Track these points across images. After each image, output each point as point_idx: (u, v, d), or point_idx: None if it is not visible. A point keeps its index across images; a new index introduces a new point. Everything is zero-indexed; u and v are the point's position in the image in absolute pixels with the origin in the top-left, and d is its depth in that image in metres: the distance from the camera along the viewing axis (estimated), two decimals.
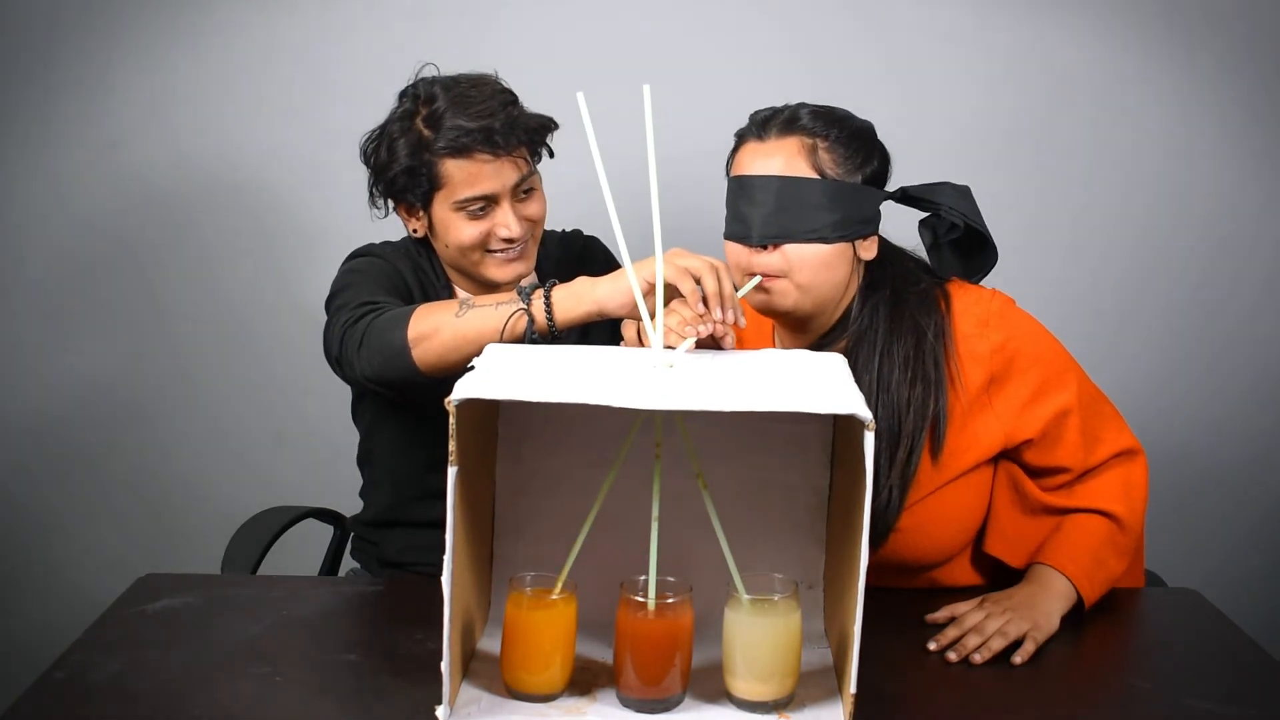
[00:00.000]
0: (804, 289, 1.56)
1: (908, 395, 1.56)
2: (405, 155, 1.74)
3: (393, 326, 1.57)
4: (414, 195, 1.77)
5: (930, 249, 1.71)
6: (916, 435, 1.56)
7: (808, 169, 1.55)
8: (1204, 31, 2.48)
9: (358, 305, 1.67)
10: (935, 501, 1.60)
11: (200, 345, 2.58)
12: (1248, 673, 1.43)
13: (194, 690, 1.30)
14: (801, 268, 1.55)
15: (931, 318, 1.60)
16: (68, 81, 2.48)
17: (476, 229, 1.76)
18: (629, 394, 1.14)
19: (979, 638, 1.44)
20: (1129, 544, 1.61)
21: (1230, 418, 2.60)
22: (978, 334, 1.59)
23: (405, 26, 2.46)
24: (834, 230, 1.54)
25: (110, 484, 2.62)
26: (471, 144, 1.71)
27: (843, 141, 1.56)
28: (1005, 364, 1.59)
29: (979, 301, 1.63)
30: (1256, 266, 2.55)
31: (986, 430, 1.59)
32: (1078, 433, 1.60)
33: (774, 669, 1.25)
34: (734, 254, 1.58)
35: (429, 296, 1.83)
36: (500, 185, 1.74)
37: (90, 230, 2.53)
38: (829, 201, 1.53)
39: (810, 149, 1.55)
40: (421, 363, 1.55)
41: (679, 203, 2.07)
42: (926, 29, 2.48)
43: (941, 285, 1.65)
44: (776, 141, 1.56)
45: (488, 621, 1.42)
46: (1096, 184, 2.54)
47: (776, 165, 1.55)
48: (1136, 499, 1.63)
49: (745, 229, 1.55)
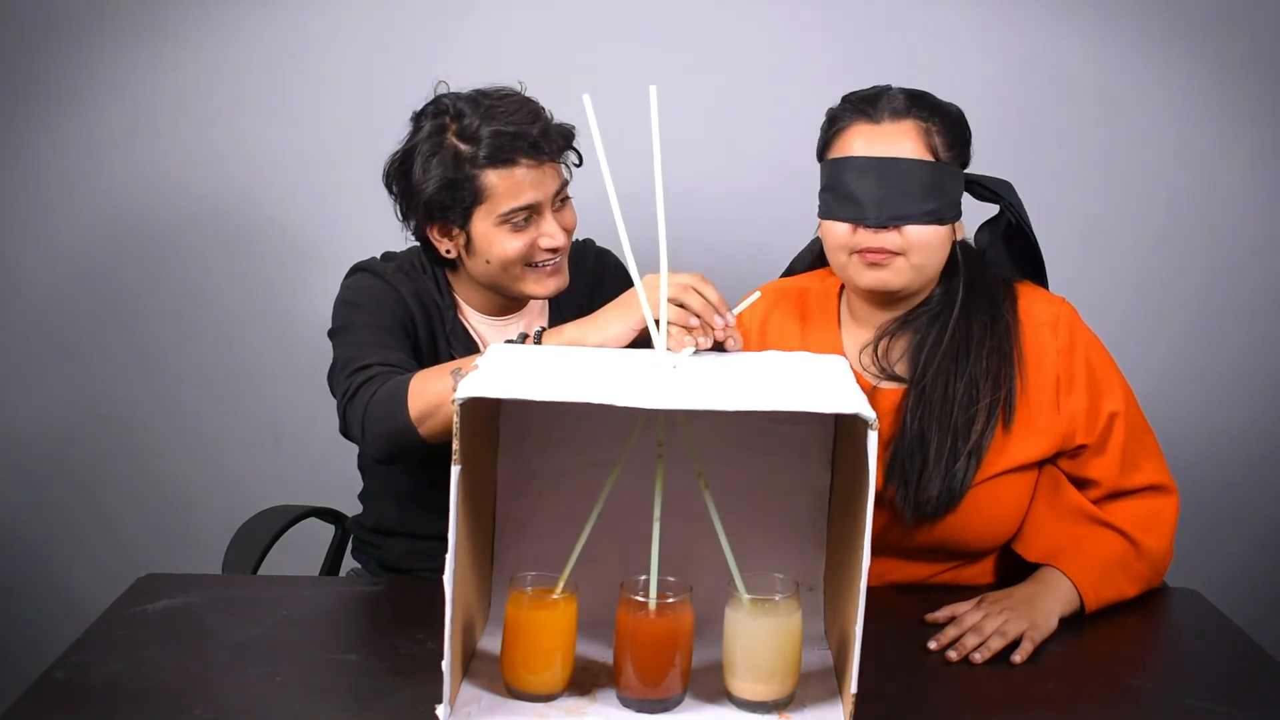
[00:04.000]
0: (919, 268, 1.58)
1: (986, 365, 1.59)
2: (441, 172, 1.70)
3: (392, 410, 1.55)
4: (454, 214, 1.72)
5: (985, 249, 1.73)
6: (993, 407, 1.58)
7: (924, 151, 1.57)
8: (1204, 31, 2.48)
9: (352, 373, 1.65)
10: (993, 487, 1.60)
11: (200, 345, 2.58)
12: (1248, 673, 1.43)
13: (194, 690, 1.30)
14: (919, 248, 1.57)
15: (1004, 300, 1.63)
16: (64, 91, 2.48)
17: (521, 241, 1.73)
18: (632, 394, 1.14)
19: (978, 637, 1.45)
20: (1143, 572, 1.60)
21: (1230, 418, 2.60)
22: (1047, 331, 1.62)
23: (404, 33, 2.46)
24: (949, 212, 1.58)
25: (111, 485, 2.62)
26: (515, 153, 1.68)
27: (949, 127, 1.59)
28: (1071, 367, 1.61)
29: (1048, 301, 1.66)
30: (1257, 267, 2.55)
31: (1049, 426, 1.60)
32: (1120, 450, 1.61)
33: (774, 669, 1.25)
34: (838, 234, 1.59)
35: (431, 322, 1.81)
36: (543, 194, 1.72)
37: (90, 234, 2.54)
38: (942, 184, 1.56)
39: (925, 131, 1.57)
40: (430, 438, 1.55)
41: (686, 205, 2.08)
42: (928, 29, 2.48)
43: (1009, 281, 1.68)
44: (892, 124, 1.57)
45: (488, 621, 1.42)
46: (1096, 184, 2.54)
47: (895, 147, 1.56)
48: (1164, 532, 1.63)
49: (860, 210, 1.56)
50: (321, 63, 2.48)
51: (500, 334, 1.85)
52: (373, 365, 1.65)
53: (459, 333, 1.83)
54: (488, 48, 2.45)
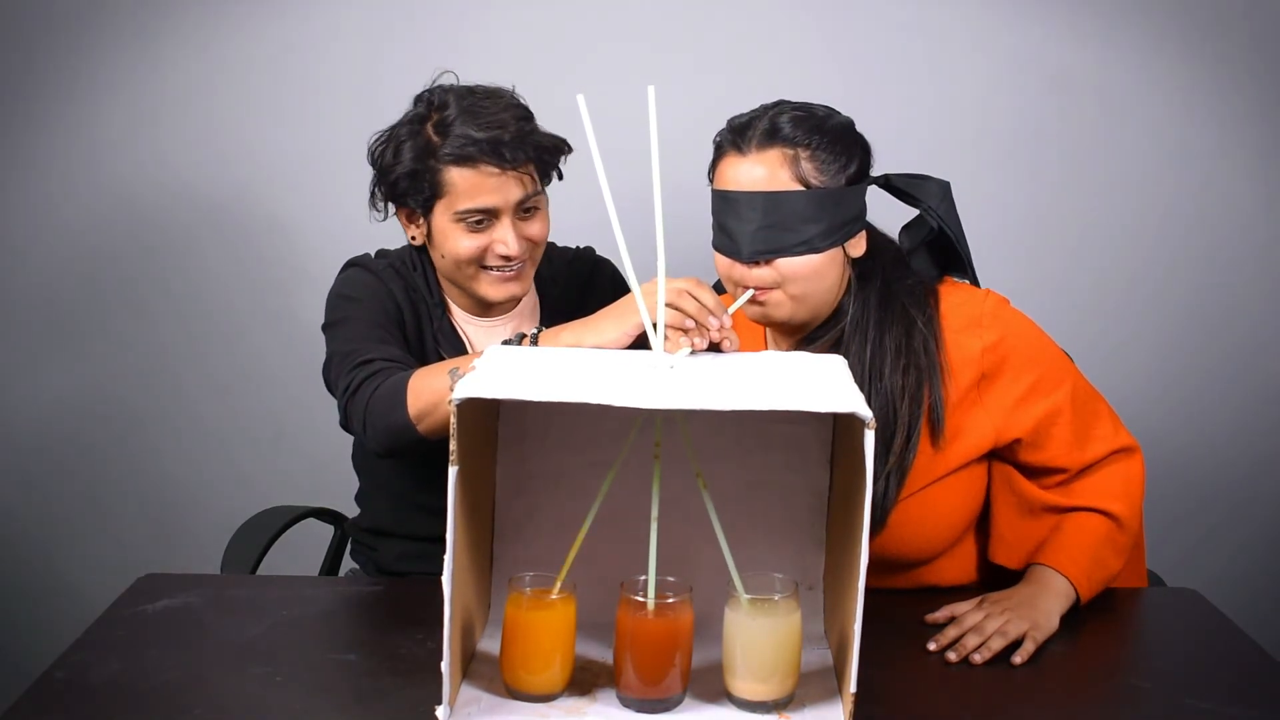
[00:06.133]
0: (798, 299, 1.55)
1: (901, 383, 1.56)
2: (410, 159, 1.72)
3: (392, 407, 1.56)
4: (415, 201, 1.75)
5: (910, 252, 1.69)
6: (913, 424, 1.56)
7: (791, 181, 1.52)
8: (1204, 31, 2.48)
9: (353, 367, 1.66)
10: (926, 497, 1.60)
11: (200, 345, 2.58)
12: (1248, 673, 1.43)
13: (194, 690, 1.30)
14: (794, 279, 1.54)
15: (922, 309, 1.59)
16: (62, 89, 2.48)
17: (474, 243, 1.74)
18: (630, 394, 1.14)
19: (978, 637, 1.44)
20: (1127, 542, 1.61)
21: (1230, 418, 2.60)
22: (969, 332, 1.59)
23: (402, 33, 2.46)
24: (823, 239, 1.53)
25: (110, 484, 2.62)
26: (477, 154, 1.69)
27: (824, 147, 1.54)
28: (998, 362, 1.58)
29: (971, 300, 1.62)
30: (1257, 268, 2.55)
31: (976, 427, 1.59)
32: (1070, 431, 1.60)
33: (774, 669, 1.25)
34: (724, 266, 1.58)
35: (420, 320, 1.82)
36: (503, 200, 1.72)
37: (90, 234, 2.54)
38: (815, 211, 1.52)
39: (792, 159, 1.52)
40: (430, 434, 1.56)
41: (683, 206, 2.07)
42: (925, 29, 2.48)
43: (931, 283, 1.65)
44: (757, 154, 1.53)
45: (488, 621, 1.42)
46: (1095, 184, 2.54)
47: (759, 179, 1.52)
48: (1134, 496, 1.63)
49: (734, 245, 1.54)
50: (322, 63, 2.48)
51: (487, 335, 1.85)
52: (375, 360, 1.65)
53: (447, 331, 1.83)
54: (488, 48, 2.45)
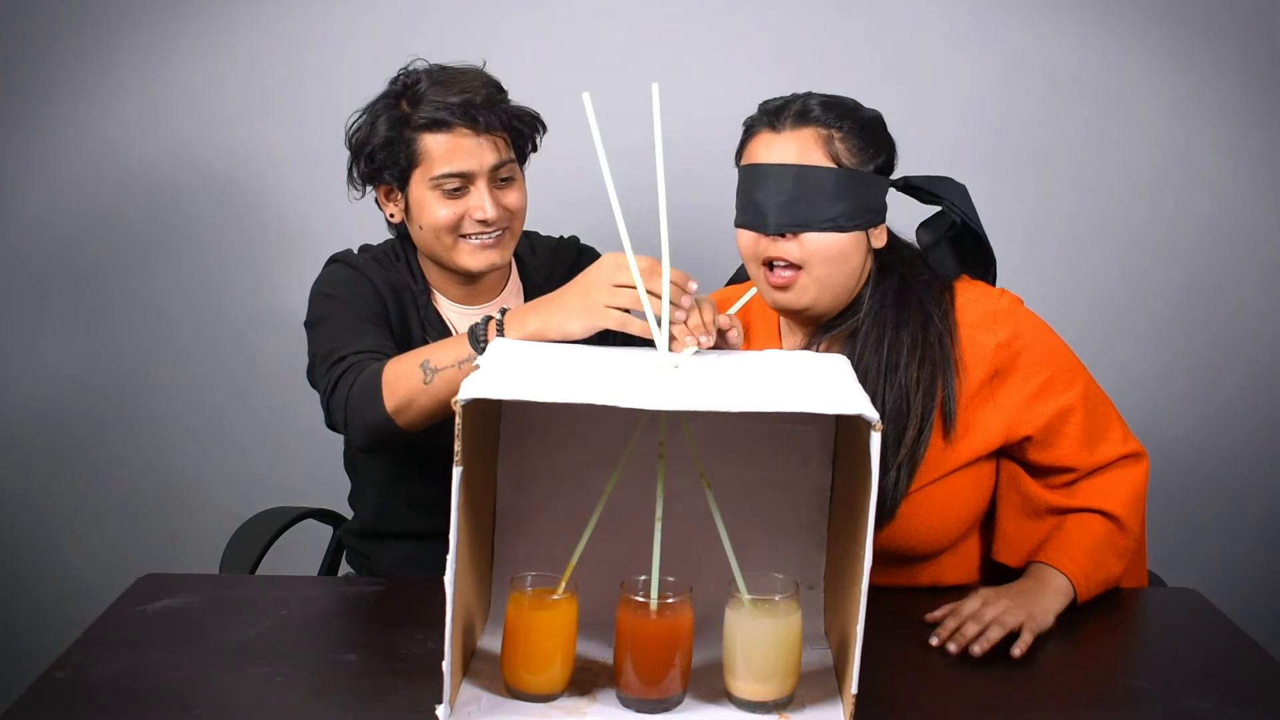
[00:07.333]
0: (822, 282, 1.57)
1: (915, 376, 1.57)
2: (385, 130, 1.75)
3: (369, 403, 1.56)
4: (391, 174, 1.77)
5: (929, 248, 1.71)
6: (926, 416, 1.57)
7: (824, 158, 1.55)
8: (1204, 32, 2.48)
9: (331, 365, 1.66)
10: (935, 491, 1.60)
11: (200, 345, 2.58)
12: (1248, 673, 1.43)
13: (194, 690, 1.30)
14: (818, 260, 1.55)
15: (938, 304, 1.61)
16: (58, 82, 2.48)
17: (451, 210, 1.75)
18: (634, 394, 1.14)
19: (977, 625, 1.45)
20: (1128, 545, 1.61)
21: (1230, 417, 2.60)
22: (984, 328, 1.60)
23: (401, 29, 2.46)
24: (849, 219, 1.55)
25: (110, 484, 2.62)
26: (450, 118, 1.72)
27: (855, 132, 1.57)
28: (1010, 360, 1.59)
29: (986, 297, 1.64)
30: (1255, 267, 2.56)
31: (987, 424, 1.60)
32: (1080, 431, 1.61)
33: (774, 669, 1.25)
34: (747, 242, 1.59)
35: (405, 308, 1.83)
36: (477, 164, 1.74)
37: (89, 231, 2.53)
38: (844, 190, 1.54)
39: (826, 139, 1.56)
40: (410, 428, 1.56)
41: (685, 201, 2.07)
42: (926, 29, 2.48)
43: (947, 280, 1.66)
44: (792, 132, 1.57)
45: (488, 621, 1.42)
46: (1095, 184, 2.54)
47: (792, 154, 1.56)
48: (1137, 501, 1.63)
49: (760, 218, 1.55)
50: (324, 62, 2.48)
51: (472, 321, 1.85)
52: (348, 356, 1.66)
53: (432, 317, 1.84)
54: (489, 47, 2.44)
